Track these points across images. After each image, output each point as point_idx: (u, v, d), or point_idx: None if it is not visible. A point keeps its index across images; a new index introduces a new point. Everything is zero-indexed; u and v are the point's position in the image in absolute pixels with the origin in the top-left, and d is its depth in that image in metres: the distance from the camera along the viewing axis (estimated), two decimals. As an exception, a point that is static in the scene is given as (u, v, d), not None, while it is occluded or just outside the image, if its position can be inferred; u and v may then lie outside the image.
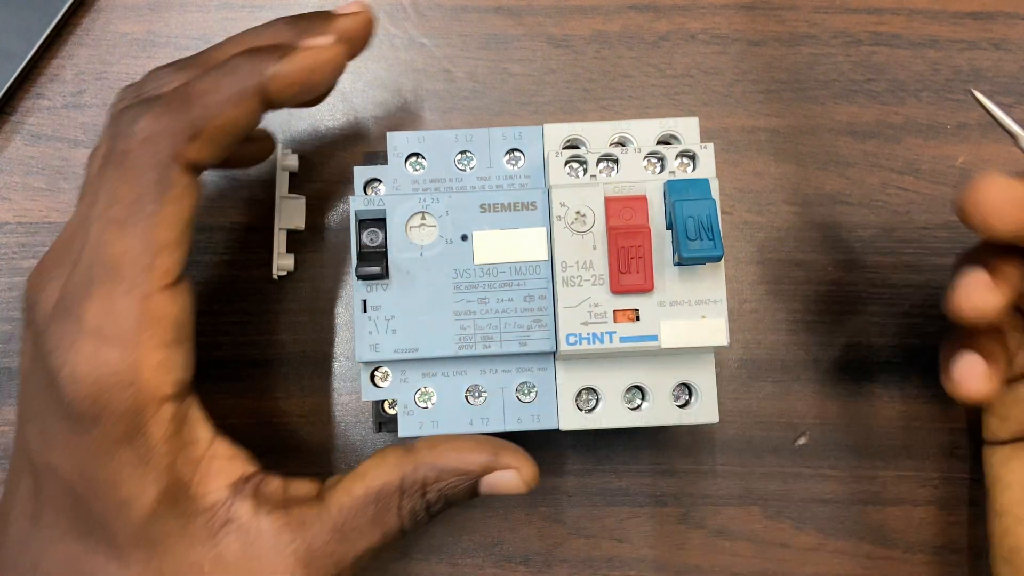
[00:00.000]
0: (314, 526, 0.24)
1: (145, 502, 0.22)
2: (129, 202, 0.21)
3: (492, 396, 0.27)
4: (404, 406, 0.27)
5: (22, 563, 0.23)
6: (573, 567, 0.32)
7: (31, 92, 0.33)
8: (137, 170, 0.21)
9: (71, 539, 0.23)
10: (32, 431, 0.23)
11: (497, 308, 0.27)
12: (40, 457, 0.23)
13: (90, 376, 0.21)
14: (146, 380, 0.22)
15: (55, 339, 0.22)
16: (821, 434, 0.32)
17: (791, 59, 0.34)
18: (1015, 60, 0.34)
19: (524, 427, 0.27)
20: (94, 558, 0.23)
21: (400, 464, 0.25)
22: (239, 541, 0.23)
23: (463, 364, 0.27)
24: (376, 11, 0.34)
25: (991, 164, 0.33)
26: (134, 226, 0.21)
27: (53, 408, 0.22)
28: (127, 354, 0.21)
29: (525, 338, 0.26)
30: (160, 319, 0.22)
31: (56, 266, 0.23)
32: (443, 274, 0.27)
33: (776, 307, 0.33)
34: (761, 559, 0.32)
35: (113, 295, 0.21)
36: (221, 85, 0.22)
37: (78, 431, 0.22)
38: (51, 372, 0.22)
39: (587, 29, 0.34)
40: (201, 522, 0.23)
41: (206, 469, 0.23)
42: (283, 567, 0.23)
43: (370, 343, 0.26)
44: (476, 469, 0.25)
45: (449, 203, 0.27)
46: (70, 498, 0.23)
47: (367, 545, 0.24)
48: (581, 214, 0.26)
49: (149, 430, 0.22)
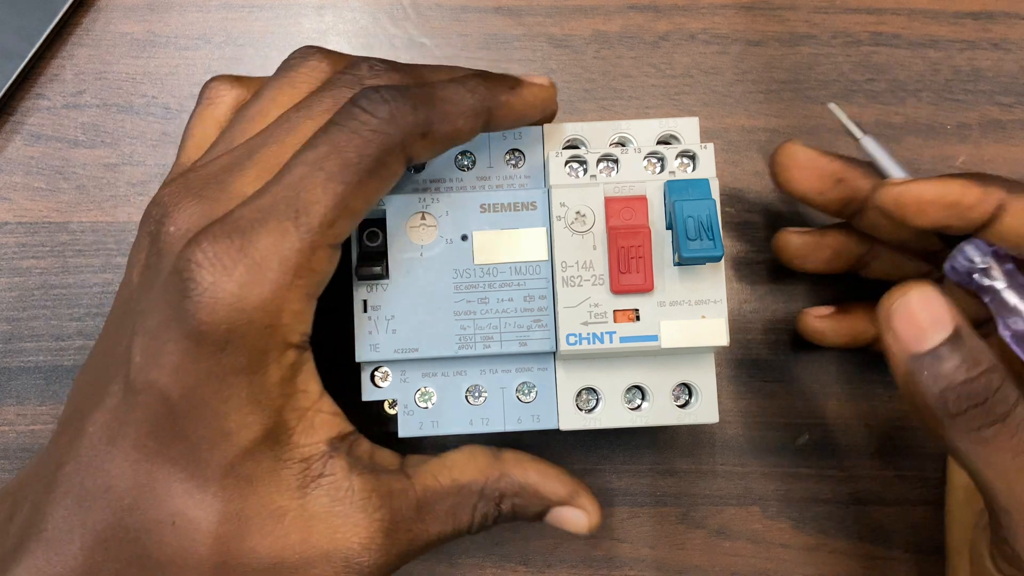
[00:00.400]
0: (400, 499, 0.24)
1: (246, 437, 0.23)
2: (347, 163, 0.22)
3: (492, 396, 0.27)
4: (404, 406, 0.27)
5: (92, 483, 0.23)
6: (573, 567, 0.32)
7: (31, 92, 0.33)
8: (367, 141, 0.22)
9: (154, 463, 0.23)
10: (137, 346, 0.23)
11: (497, 308, 0.27)
12: (142, 374, 0.23)
13: (234, 303, 0.22)
14: (283, 323, 0.22)
15: (202, 258, 0.22)
16: (821, 434, 0.32)
17: (791, 59, 0.34)
18: (1015, 60, 0.34)
19: (524, 427, 0.27)
20: (174, 485, 0.23)
21: (488, 469, 0.26)
22: (328, 496, 0.24)
23: (463, 364, 0.27)
24: (376, 11, 0.34)
25: (991, 164, 0.33)
26: (339, 184, 0.22)
27: (172, 327, 0.22)
28: (276, 293, 0.22)
29: (525, 338, 0.26)
30: (315, 272, 0.23)
31: (203, 187, 0.24)
32: (443, 274, 0.27)
33: (776, 307, 0.33)
34: (761, 559, 0.32)
35: (288, 233, 0.22)
36: (461, 98, 0.24)
37: (198, 354, 0.22)
38: (183, 289, 0.22)
39: (587, 29, 0.34)
40: (296, 470, 0.23)
41: (310, 421, 0.24)
42: (367, 531, 0.24)
43: (370, 343, 0.26)
44: (553, 499, 0.26)
45: (449, 203, 0.27)
46: (167, 420, 0.23)
47: (439, 532, 0.25)
48: (581, 214, 0.26)
49: (269, 370, 0.23)
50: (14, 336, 0.32)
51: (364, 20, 0.34)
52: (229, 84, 0.27)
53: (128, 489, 0.23)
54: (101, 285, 0.33)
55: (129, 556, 0.23)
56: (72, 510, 0.23)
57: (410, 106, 0.23)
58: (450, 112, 0.24)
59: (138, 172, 0.33)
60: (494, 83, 0.25)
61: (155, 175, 0.33)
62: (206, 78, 0.33)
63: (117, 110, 0.33)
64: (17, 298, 0.33)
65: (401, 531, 0.24)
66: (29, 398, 0.32)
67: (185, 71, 0.34)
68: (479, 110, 0.24)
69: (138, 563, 0.23)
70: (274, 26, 0.34)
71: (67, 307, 0.33)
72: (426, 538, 0.25)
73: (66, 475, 0.23)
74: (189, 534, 0.23)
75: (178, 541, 0.23)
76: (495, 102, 0.24)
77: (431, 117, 0.23)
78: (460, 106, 0.24)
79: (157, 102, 0.34)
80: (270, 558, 0.23)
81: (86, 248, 0.33)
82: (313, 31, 0.34)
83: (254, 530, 0.23)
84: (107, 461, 0.23)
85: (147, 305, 0.23)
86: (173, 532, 0.23)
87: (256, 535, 0.23)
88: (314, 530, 0.23)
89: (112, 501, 0.23)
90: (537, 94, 0.26)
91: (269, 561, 0.23)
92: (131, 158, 0.33)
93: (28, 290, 0.33)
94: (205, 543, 0.23)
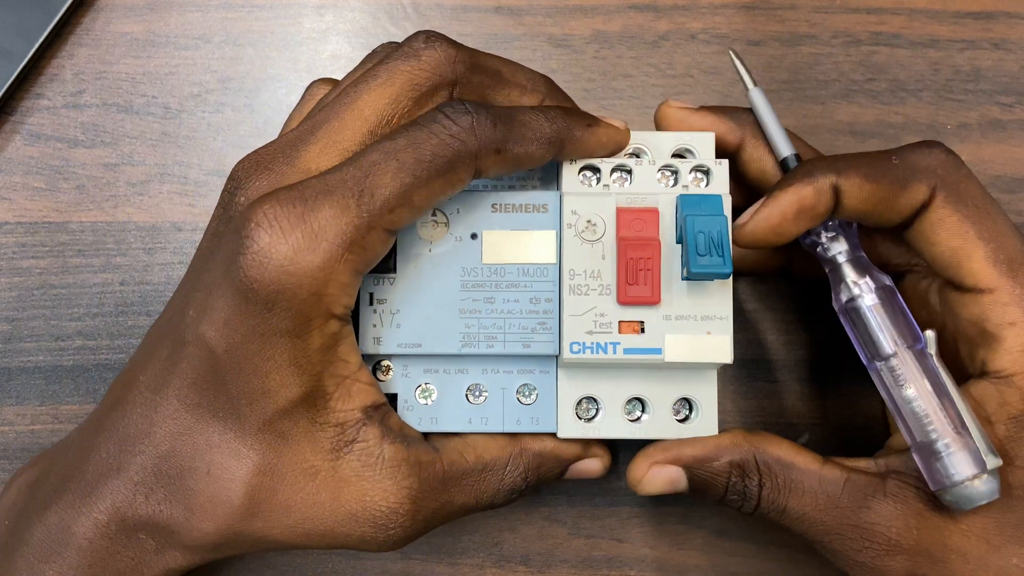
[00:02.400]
0: (428, 470, 0.25)
1: (286, 396, 0.24)
2: (421, 159, 0.23)
3: (492, 396, 0.27)
4: (404, 400, 0.27)
5: (135, 429, 0.25)
6: (573, 567, 0.32)
7: (31, 92, 0.33)
8: (444, 144, 0.24)
9: (195, 414, 0.24)
10: (192, 302, 0.24)
11: (503, 308, 0.27)
12: (193, 328, 0.24)
13: (285, 266, 0.23)
14: (328, 293, 0.23)
15: (263, 218, 0.23)
16: (821, 434, 0.32)
17: (791, 59, 0.34)
18: (1015, 60, 0.34)
19: (523, 429, 0.27)
20: (212, 437, 0.24)
21: (508, 445, 0.27)
22: (359, 461, 0.25)
23: (465, 362, 0.27)
24: (376, 11, 0.34)
25: (991, 164, 0.33)
26: (408, 176, 0.23)
27: (224, 283, 0.23)
28: (327, 263, 0.23)
29: (529, 340, 0.26)
30: (366, 250, 0.24)
31: (272, 161, 0.25)
32: (451, 272, 0.27)
33: (776, 306, 0.33)
34: (761, 559, 0.32)
35: (349, 209, 0.23)
36: (539, 125, 0.25)
37: (246, 311, 0.23)
38: (239, 246, 0.23)
39: (587, 29, 0.34)
40: (330, 433, 0.25)
41: (347, 389, 0.25)
42: (395, 498, 0.25)
43: (374, 336, 0.27)
44: (571, 457, 0.28)
45: (461, 201, 0.27)
46: (211, 373, 0.24)
47: (462, 504, 0.26)
48: (592, 223, 0.26)
49: (312, 336, 0.24)
50: (14, 336, 0.32)
51: (364, 20, 0.34)
52: (326, 84, 0.28)
53: (167, 436, 0.24)
54: (101, 285, 0.33)
55: (160, 499, 0.24)
56: (112, 453, 0.25)
57: (490, 122, 0.24)
58: (526, 136, 0.25)
59: (138, 172, 0.33)
60: (573, 118, 0.26)
61: (155, 175, 0.33)
62: (206, 78, 0.34)
63: (117, 110, 0.33)
64: (17, 298, 0.33)
65: (427, 500, 0.25)
66: (29, 398, 0.32)
67: (185, 71, 0.34)
68: (553, 140, 0.25)
69: (169, 506, 0.24)
70: (274, 26, 0.34)
71: (67, 307, 0.33)
72: (450, 508, 0.26)
73: (111, 421, 0.25)
74: (223, 483, 0.24)
75: (211, 489, 0.24)
76: (569, 135, 0.26)
77: (508, 136, 0.24)
78: (537, 132, 0.25)
79: (157, 102, 0.34)
80: (299, 514, 0.24)
81: (86, 248, 0.33)
82: (313, 31, 0.34)
83: (286, 485, 0.24)
84: (150, 409, 0.24)
85: (208, 265, 0.25)
86: (208, 480, 0.24)
87: (288, 490, 0.24)
88: (344, 492, 0.24)
89: (151, 446, 0.24)
90: (612, 136, 0.27)
91: (299, 515, 0.24)
92: (131, 158, 0.33)
93: (28, 290, 0.33)
94: (238, 493, 0.24)
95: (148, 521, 0.24)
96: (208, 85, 0.34)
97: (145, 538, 0.25)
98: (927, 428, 0.25)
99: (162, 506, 0.24)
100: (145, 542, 0.25)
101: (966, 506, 0.24)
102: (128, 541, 0.25)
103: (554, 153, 0.25)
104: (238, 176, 0.25)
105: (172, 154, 0.33)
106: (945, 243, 0.26)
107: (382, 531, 0.25)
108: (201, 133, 0.33)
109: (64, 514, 0.24)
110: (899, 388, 0.25)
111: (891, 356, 0.25)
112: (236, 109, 0.34)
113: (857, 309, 0.26)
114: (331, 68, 0.34)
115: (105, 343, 0.33)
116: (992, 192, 0.34)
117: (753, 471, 0.26)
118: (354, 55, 0.34)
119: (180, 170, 0.33)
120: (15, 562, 0.25)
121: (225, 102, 0.34)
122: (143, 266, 0.33)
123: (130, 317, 0.32)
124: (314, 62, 0.34)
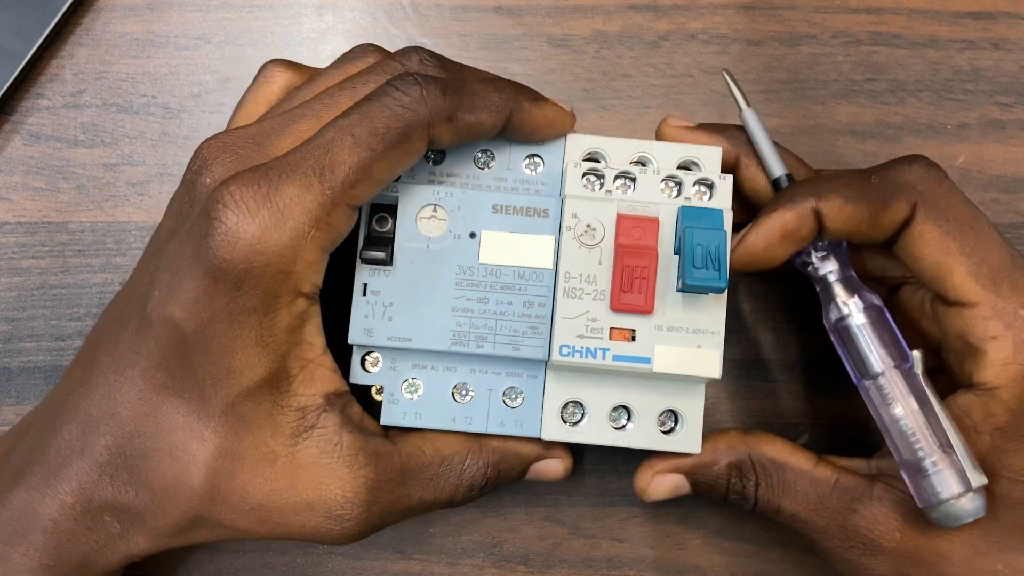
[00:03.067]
0: (385, 461, 0.25)
1: (249, 378, 0.24)
2: (375, 132, 0.24)
3: (479, 396, 0.27)
4: (390, 394, 0.27)
5: (99, 410, 0.25)
6: (573, 567, 0.32)
7: (31, 92, 0.33)
8: (396, 115, 0.24)
9: (160, 394, 0.24)
10: (158, 283, 0.24)
11: (495, 309, 0.27)
12: (159, 308, 0.24)
13: (253, 245, 0.23)
14: (296, 271, 0.24)
15: (229, 199, 0.23)
16: (821, 434, 0.32)
17: (791, 59, 0.34)
18: (1015, 60, 0.34)
19: (506, 431, 0.27)
20: (176, 417, 0.24)
21: (467, 442, 0.27)
22: (317, 448, 0.25)
23: (454, 360, 0.27)
24: (376, 11, 0.34)
25: (991, 164, 0.33)
26: (364, 150, 0.24)
27: (192, 264, 0.23)
28: (295, 241, 0.23)
29: (519, 343, 0.26)
30: (331, 227, 0.24)
31: (242, 146, 0.25)
32: (447, 268, 0.27)
33: (775, 306, 0.33)
34: (761, 559, 0.32)
35: (312, 187, 0.23)
36: (488, 94, 0.25)
37: (214, 290, 0.23)
38: (208, 227, 0.23)
39: (587, 29, 0.34)
40: (291, 418, 0.25)
41: (311, 373, 0.25)
42: (351, 486, 0.25)
43: (365, 327, 0.27)
44: (532, 456, 0.28)
45: (462, 199, 0.27)
46: (177, 353, 0.24)
47: (420, 498, 0.26)
48: (591, 227, 0.26)
49: (279, 314, 0.24)
50: (14, 336, 0.32)
51: (364, 20, 0.34)
52: (284, 67, 0.28)
53: (131, 418, 0.24)
54: (101, 285, 0.33)
55: (125, 481, 0.24)
56: (75, 435, 0.25)
57: (440, 91, 0.24)
58: (476, 104, 0.25)
59: (138, 172, 0.33)
60: (521, 91, 0.26)
61: (155, 175, 0.33)
62: (206, 78, 0.34)
63: (117, 110, 0.33)
64: (17, 298, 0.33)
65: (384, 491, 0.25)
66: (29, 398, 0.32)
67: (185, 71, 0.34)
68: (502, 108, 0.26)
69: (133, 488, 0.24)
70: (274, 26, 0.34)
71: (67, 307, 0.33)
72: (407, 502, 0.26)
73: (73, 402, 0.25)
74: (185, 465, 0.24)
75: (173, 471, 0.24)
76: (518, 106, 0.26)
77: (458, 104, 0.25)
78: (486, 100, 0.25)
79: (157, 102, 0.34)
80: (257, 498, 0.24)
81: (86, 248, 0.33)
82: (313, 31, 0.34)
83: (246, 470, 0.24)
84: (115, 390, 0.25)
85: (173, 245, 0.25)
86: (170, 462, 0.24)
87: (247, 474, 0.24)
88: (301, 478, 0.25)
89: (114, 428, 0.24)
90: (558, 115, 0.27)
91: (256, 501, 0.24)
92: (131, 158, 0.33)
93: (28, 290, 0.33)
94: (199, 475, 0.24)
95: (113, 503, 0.24)
96: (208, 85, 0.34)
97: (110, 520, 0.25)
98: (914, 446, 0.25)
99: (127, 488, 0.24)
100: (110, 524, 0.25)
101: (952, 523, 0.24)
102: (93, 523, 0.25)
103: (503, 121, 0.26)
104: (203, 155, 0.25)
105: (172, 154, 0.33)
106: (929, 258, 0.26)
107: (336, 522, 0.25)
108: (201, 133, 0.33)
109: (28, 496, 0.24)
110: (887, 407, 0.26)
111: (879, 375, 0.26)
112: (236, 109, 0.34)
113: (847, 328, 0.26)
114: (331, 68, 0.34)
115: (105, 343, 0.33)
116: (992, 192, 0.34)
117: (750, 471, 0.27)
118: (354, 55, 0.34)
119: (180, 170, 0.33)
120: None
121: (225, 102, 0.34)
122: (143, 266, 0.33)
123: (130, 317, 0.32)
124: (314, 62, 0.34)
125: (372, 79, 0.26)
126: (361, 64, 0.27)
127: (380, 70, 0.26)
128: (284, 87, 0.28)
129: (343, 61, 0.28)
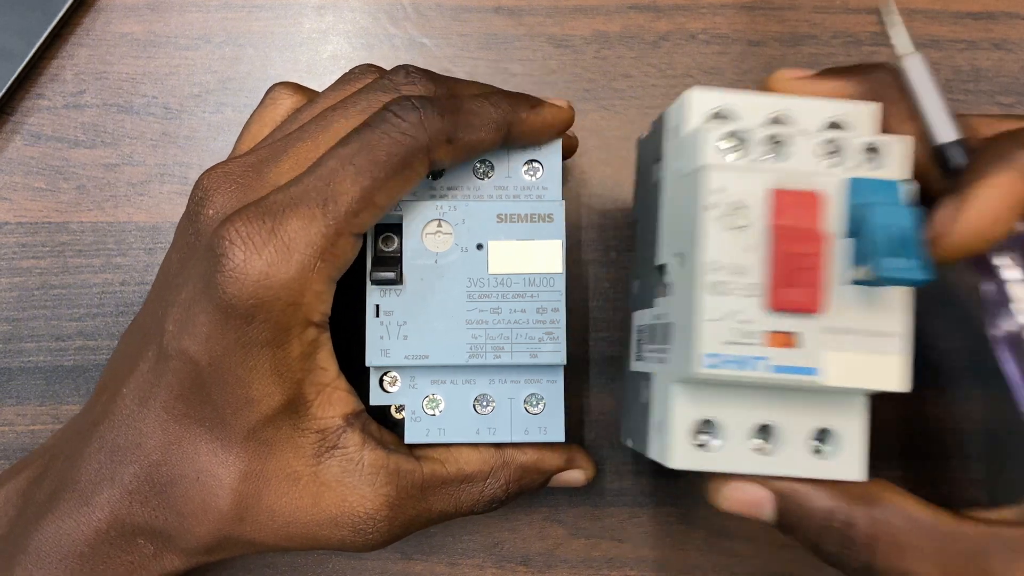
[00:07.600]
0: (406, 478, 0.26)
1: (269, 405, 0.24)
2: (376, 160, 0.24)
3: (500, 405, 0.27)
4: (412, 412, 0.27)
5: (125, 440, 0.25)
6: (573, 567, 0.32)
7: (31, 92, 0.33)
8: (396, 142, 0.24)
9: (183, 424, 0.25)
10: (171, 317, 0.25)
11: (509, 318, 0.26)
12: (174, 342, 0.24)
13: (261, 280, 0.23)
14: (305, 302, 0.24)
15: (235, 236, 0.23)
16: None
17: (791, 59, 0.34)
18: (1016, 60, 0.34)
19: (531, 438, 0.27)
20: (200, 444, 0.25)
21: (491, 459, 0.27)
22: (340, 467, 0.25)
23: (472, 372, 0.27)
24: (376, 11, 0.34)
25: (991, 164, 0.33)
26: (366, 179, 0.24)
27: (203, 300, 0.24)
28: (301, 273, 0.24)
29: (536, 350, 0.26)
30: (337, 256, 0.24)
31: (242, 175, 0.25)
32: (457, 282, 0.26)
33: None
34: (761, 559, 0.32)
35: (315, 219, 0.24)
36: (485, 111, 0.25)
37: (226, 325, 0.24)
38: (216, 265, 0.23)
39: (587, 29, 0.34)
40: (312, 439, 0.25)
41: (328, 396, 0.26)
42: (373, 504, 0.25)
43: (381, 348, 0.26)
44: (554, 469, 0.28)
45: (466, 211, 0.27)
46: (195, 385, 0.24)
47: (441, 511, 0.27)
48: (739, 206, 0.21)
49: (291, 345, 0.24)
50: (14, 336, 0.32)
51: (364, 20, 0.34)
52: (291, 90, 0.29)
53: (157, 446, 0.25)
54: (101, 285, 0.33)
55: (155, 507, 0.25)
56: (104, 463, 0.25)
57: (438, 114, 0.24)
58: (474, 123, 0.25)
59: (138, 172, 0.33)
60: (517, 101, 0.26)
61: (155, 175, 0.33)
62: (206, 78, 0.34)
63: (117, 110, 0.33)
64: (17, 298, 0.33)
65: (405, 507, 0.26)
66: (29, 398, 0.32)
67: (185, 71, 0.34)
68: (500, 123, 0.26)
69: (163, 513, 0.25)
70: (274, 26, 0.34)
71: (67, 307, 0.33)
72: (429, 516, 0.27)
73: (100, 432, 0.25)
74: (212, 489, 0.25)
75: (201, 495, 0.25)
76: (515, 117, 0.26)
77: (456, 125, 0.25)
78: (484, 118, 0.25)
79: (157, 102, 0.34)
80: (284, 516, 0.25)
81: (86, 248, 0.33)
82: (313, 31, 0.34)
83: (271, 490, 0.25)
84: (139, 420, 0.25)
85: (182, 279, 0.25)
86: (197, 487, 0.25)
87: (272, 495, 0.25)
88: (324, 496, 0.25)
89: (142, 456, 0.25)
90: (556, 114, 0.27)
91: (282, 520, 0.25)
92: (131, 158, 0.33)
93: (28, 290, 0.33)
94: (226, 498, 0.25)
95: (145, 526, 0.25)
96: (208, 85, 0.34)
97: (144, 543, 0.25)
98: None
99: (157, 512, 0.25)
100: (144, 546, 0.25)
101: None
102: (128, 546, 0.25)
103: (503, 136, 0.26)
104: (205, 186, 0.26)
105: (172, 154, 0.33)
106: None
107: (360, 535, 0.25)
108: (201, 133, 0.33)
109: (62, 523, 0.25)
110: None
111: None
112: (236, 109, 0.34)
113: None
114: (331, 68, 0.34)
115: (105, 343, 0.33)
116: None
117: None
118: (354, 55, 0.34)
119: (180, 170, 0.33)
120: (13, 571, 0.25)
121: (225, 102, 0.34)
122: (143, 266, 0.33)
123: (130, 317, 0.32)
124: (314, 62, 0.34)
125: (363, 99, 0.26)
126: (359, 84, 0.27)
127: (371, 89, 0.26)
128: (290, 109, 0.28)
129: (343, 82, 0.28)
